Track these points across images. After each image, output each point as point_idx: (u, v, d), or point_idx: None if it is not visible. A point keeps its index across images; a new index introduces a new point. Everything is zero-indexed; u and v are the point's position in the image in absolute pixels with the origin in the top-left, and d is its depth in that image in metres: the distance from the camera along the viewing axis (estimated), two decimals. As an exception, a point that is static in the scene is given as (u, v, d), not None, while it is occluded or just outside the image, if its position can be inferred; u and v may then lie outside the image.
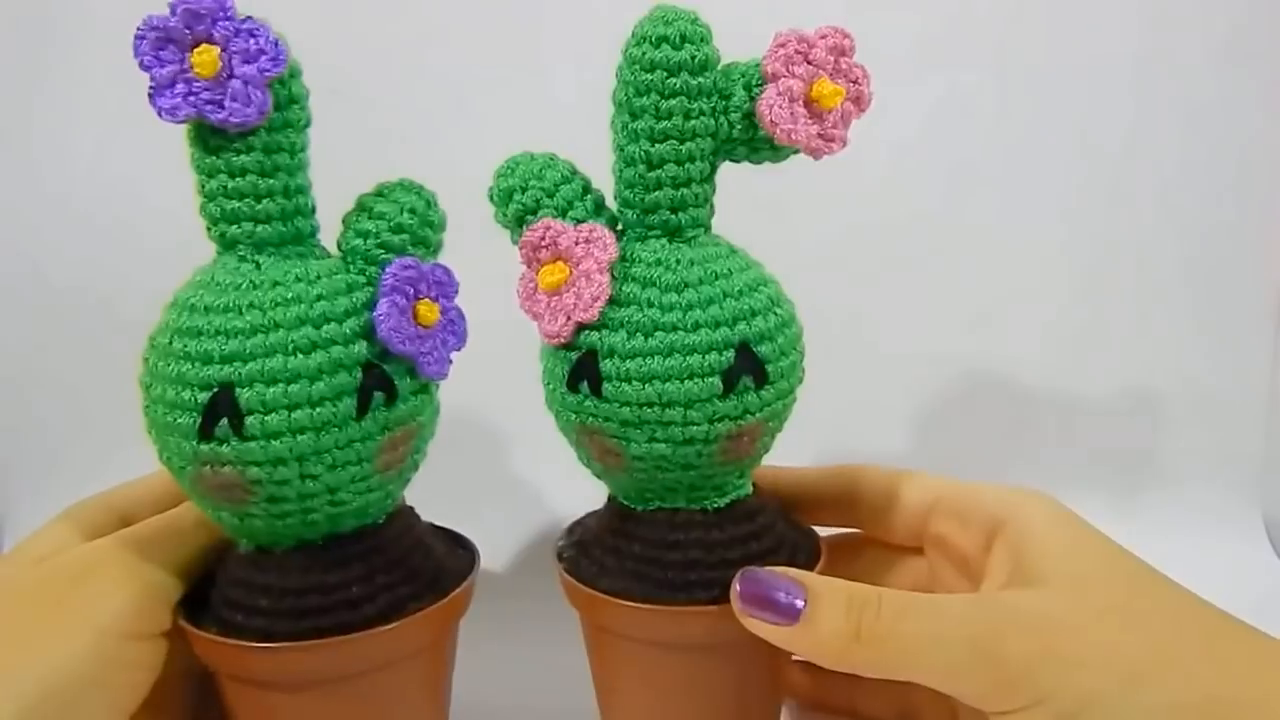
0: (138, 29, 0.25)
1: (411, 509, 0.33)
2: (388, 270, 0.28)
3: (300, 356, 0.26)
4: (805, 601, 0.26)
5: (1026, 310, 0.53)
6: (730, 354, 0.29)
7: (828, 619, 0.26)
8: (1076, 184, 0.52)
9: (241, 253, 0.28)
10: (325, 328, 0.27)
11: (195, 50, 0.26)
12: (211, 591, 0.31)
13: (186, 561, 0.30)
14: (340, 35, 0.45)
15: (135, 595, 0.28)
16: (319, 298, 0.27)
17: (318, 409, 0.27)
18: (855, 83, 0.29)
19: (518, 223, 0.31)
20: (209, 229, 0.28)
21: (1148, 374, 0.53)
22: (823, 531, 0.35)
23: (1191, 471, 0.54)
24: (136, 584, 0.29)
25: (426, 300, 0.29)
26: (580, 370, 0.30)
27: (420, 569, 0.31)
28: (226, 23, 0.26)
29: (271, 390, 0.26)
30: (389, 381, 0.28)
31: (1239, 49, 0.50)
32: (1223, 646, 0.25)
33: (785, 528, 0.33)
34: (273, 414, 0.26)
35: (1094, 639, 0.25)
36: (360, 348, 0.28)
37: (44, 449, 0.52)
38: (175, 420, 0.27)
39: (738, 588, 0.28)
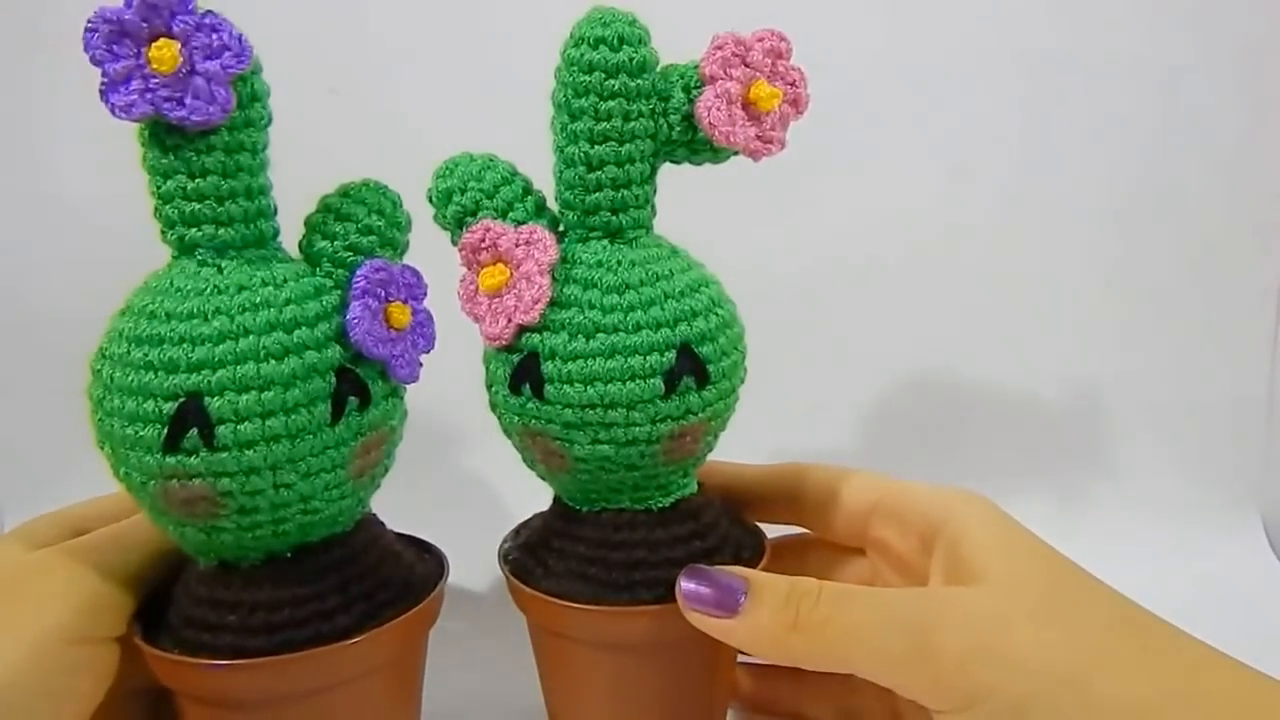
0: (88, 21, 0.24)
1: (375, 516, 0.32)
2: (359, 273, 0.28)
3: (273, 362, 0.26)
4: (746, 595, 0.27)
5: (1026, 310, 0.53)
6: (671, 355, 0.29)
7: (767, 610, 0.26)
8: (1074, 184, 0.52)
9: (201, 256, 0.27)
10: (297, 332, 0.26)
11: (153, 45, 0.24)
12: (169, 611, 0.29)
13: (138, 568, 0.29)
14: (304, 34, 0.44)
15: (82, 599, 0.27)
16: (288, 302, 0.26)
17: (292, 416, 0.26)
18: (792, 85, 0.30)
19: (457, 224, 0.31)
20: (164, 232, 0.27)
21: (1147, 374, 0.53)
22: (772, 531, 0.35)
23: (1190, 471, 0.54)
24: (83, 588, 0.28)
25: (398, 303, 0.28)
26: (522, 373, 0.30)
27: (391, 577, 0.30)
28: (186, 17, 0.25)
29: (244, 398, 0.25)
30: (363, 386, 0.27)
31: (1239, 49, 0.50)
32: (1152, 647, 0.25)
33: (730, 526, 0.33)
34: (245, 422, 0.25)
35: (1028, 638, 0.25)
36: (333, 352, 0.27)
37: (45, 447, 0.49)
38: (137, 433, 0.25)
39: (682, 583, 0.28)
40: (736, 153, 0.30)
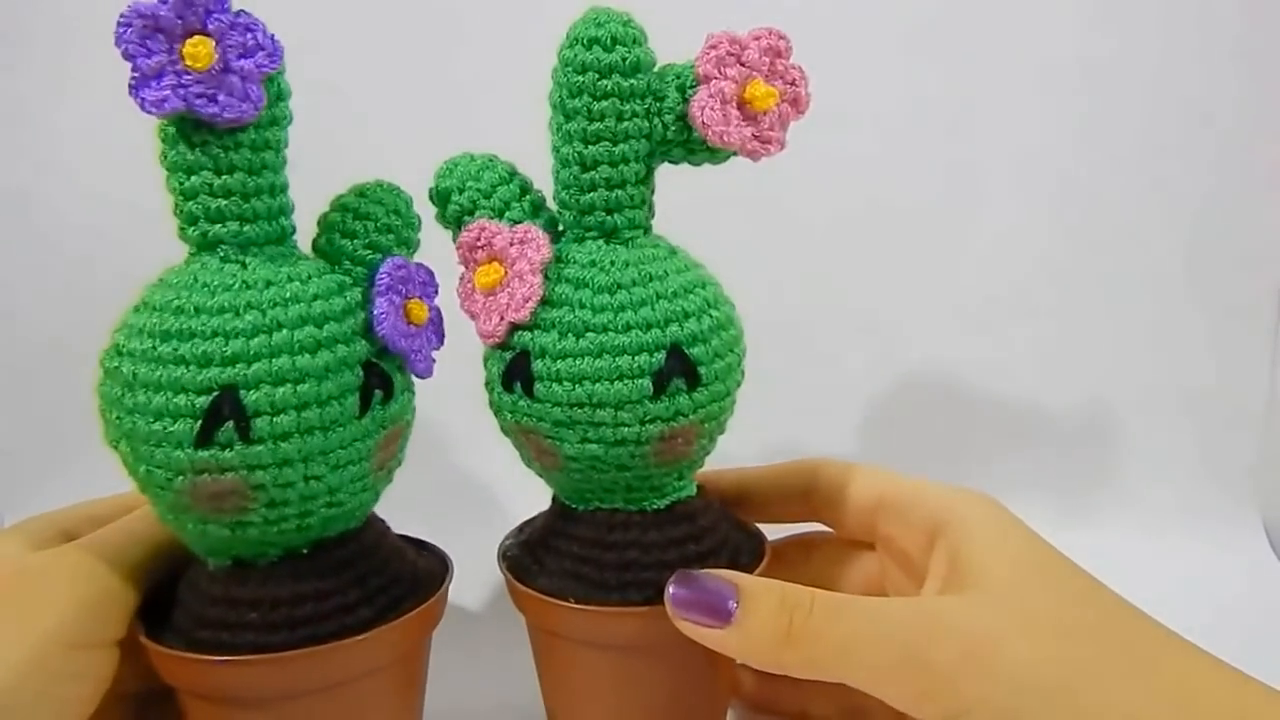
0: (121, 16, 0.24)
1: (376, 514, 0.33)
2: (382, 270, 0.28)
3: (306, 356, 0.26)
4: (737, 603, 0.26)
5: (1026, 310, 0.53)
6: (661, 355, 0.29)
7: (759, 620, 0.26)
8: (1075, 184, 0.52)
9: (224, 253, 0.27)
10: (326, 327, 0.27)
11: (188, 41, 0.25)
12: (175, 613, 0.29)
13: (138, 567, 0.29)
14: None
15: (86, 602, 0.27)
16: (315, 297, 0.27)
17: (326, 408, 0.26)
18: (791, 84, 0.29)
19: (456, 223, 0.31)
20: (185, 228, 0.27)
21: (1147, 374, 0.53)
22: (776, 532, 0.35)
23: (1190, 472, 0.54)
24: (87, 591, 0.27)
25: (416, 299, 0.29)
26: (514, 370, 0.30)
27: (402, 572, 0.31)
28: (221, 15, 0.25)
29: (280, 390, 0.25)
30: (388, 379, 0.28)
31: (1239, 47, 0.50)
32: (1147, 657, 0.24)
33: (729, 529, 0.33)
34: (282, 415, 0.25)
35: (1020, 650, 0.24)
36: (360, 346, 0.28)
37: (45, 446, 0.48)
38: (165, 429, 0.25)
39: (671, 590, 0.27)
40: (735, 153, 0.29)
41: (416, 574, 0.31)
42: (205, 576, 0.29)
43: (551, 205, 0.32)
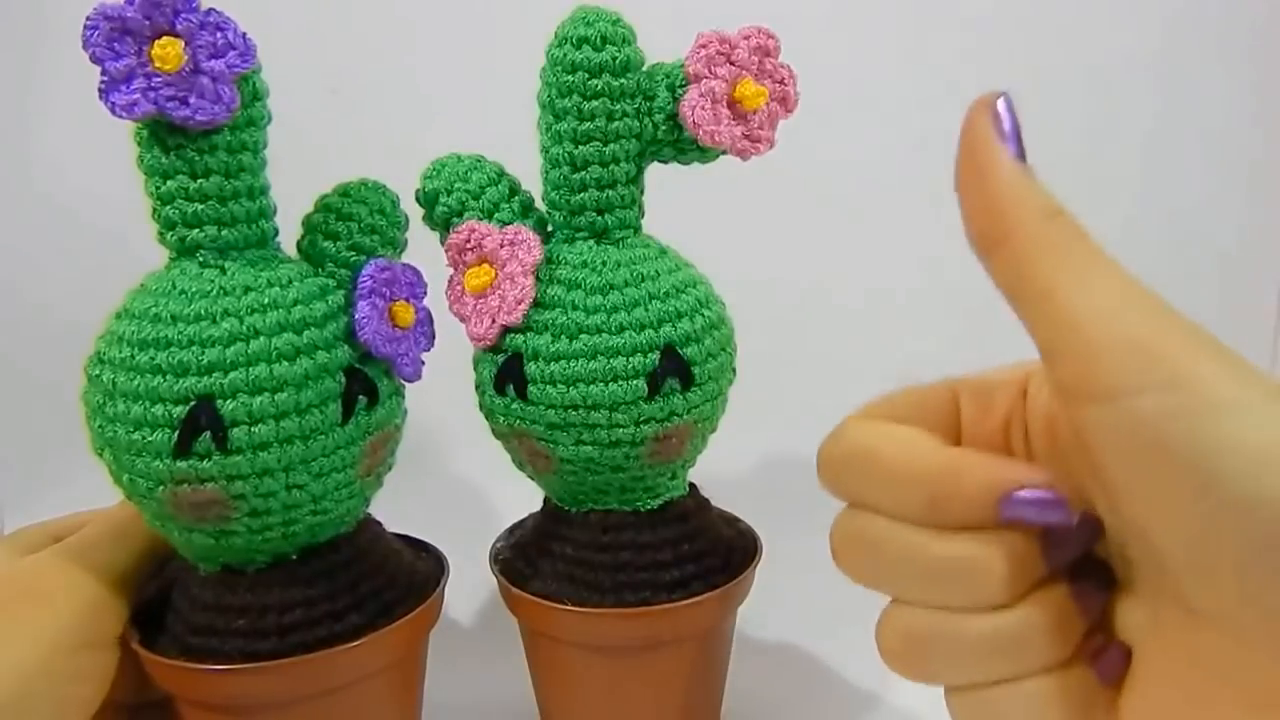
0: (88, 19, 0.24)
1: (372, 516, 0.32)
2: (365, 272, 0.28)
3: (285, 364, 0.25)
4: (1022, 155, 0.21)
5: None
6: (655, 356, 0.29)
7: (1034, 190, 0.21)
8: (1075, 184, 0.52)
9: (203, 258, 0.26)
10: (306, 333, 0.26)
11: (156, 43, 0.24)
12: (169, 620, 0.29)
13: (131, 566, 0.29)
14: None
15: (85, 601, 0.27)
16: (295, 302, 0.26)
17: (305, 417, 0.26)
18: (780, 83, 0.29)
19: (444, 225, 0.31)
20: (163, 233, 0.26)
21: None
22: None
23: None
24: (85, 589, 0.27)
25: (402, 301, 0.28)
26: (506, 373, 0.30)
27: (396, 575, 0.30)
28: (190, 15, 0.24)
29: (257, 400, 0.25)
30: (372, 385, 0.28)
31: (1239, 49, 0.51)
32: None
33: (721, 528, 0.33)
34: (259, 424, 0.25)
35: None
36: (342, 352, 0.27)
37: (44, 447, 0.48)
38: (144, 439, 0.25)
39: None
40: (724, 152, 0.29)
41: (412, 578, 0.31)
42: (197, 582, 0.28)
43: (540, 206, 0.31)
